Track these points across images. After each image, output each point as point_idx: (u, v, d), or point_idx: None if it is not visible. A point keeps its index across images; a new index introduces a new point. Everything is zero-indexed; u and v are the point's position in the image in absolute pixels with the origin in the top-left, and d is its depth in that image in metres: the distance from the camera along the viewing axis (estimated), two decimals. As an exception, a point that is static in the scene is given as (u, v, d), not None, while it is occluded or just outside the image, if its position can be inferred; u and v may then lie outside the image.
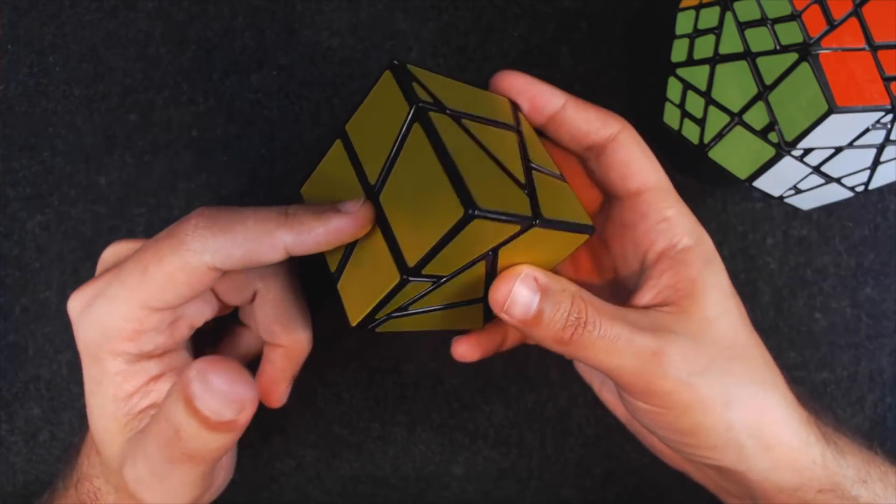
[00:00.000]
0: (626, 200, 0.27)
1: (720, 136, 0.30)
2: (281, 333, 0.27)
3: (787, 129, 0.27)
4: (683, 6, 0.31)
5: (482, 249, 0.23)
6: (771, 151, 0.28)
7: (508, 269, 0.24)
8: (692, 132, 0.31)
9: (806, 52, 0.25)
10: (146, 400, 0.25)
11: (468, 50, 0.35)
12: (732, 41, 0.28)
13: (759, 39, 0.27)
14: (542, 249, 0.24)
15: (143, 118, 0.35)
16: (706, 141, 0.30)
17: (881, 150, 0.27)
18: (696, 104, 0.30)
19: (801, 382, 0.35)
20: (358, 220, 0.22)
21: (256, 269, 0.26)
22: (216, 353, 0.29)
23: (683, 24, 0.31)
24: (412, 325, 0.26)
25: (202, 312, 0.26)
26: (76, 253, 0.34)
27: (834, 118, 0.25)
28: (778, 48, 0.26)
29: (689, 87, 0.31)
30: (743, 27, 0.28)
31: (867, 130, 0.26)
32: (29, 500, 0.31)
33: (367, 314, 0.23)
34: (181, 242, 0.22)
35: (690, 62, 0.30)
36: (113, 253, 0.26)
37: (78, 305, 0.24)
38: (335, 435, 0.35)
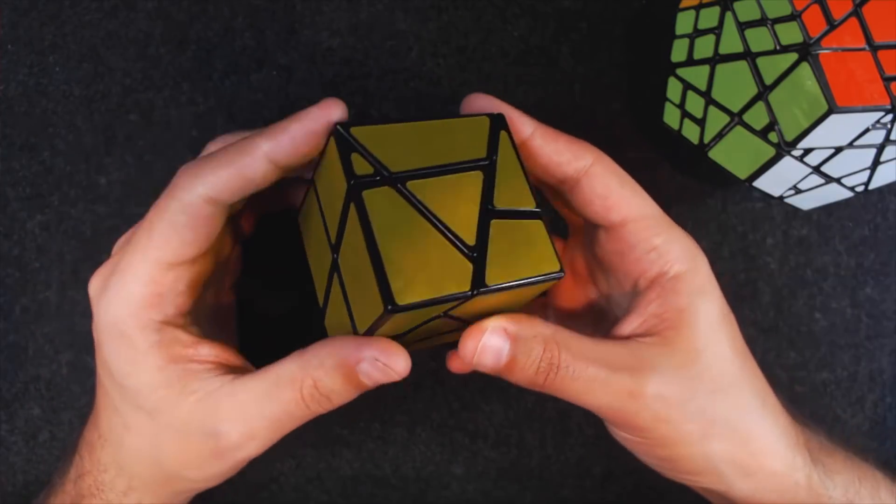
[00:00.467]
0: (611, 231, 0.26)
1: (720, 136, 0.30)
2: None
3: (787, 129, 0.27)
4: (683, 6, 0.31)
5: (427, 317, 0.23)
6: (771, 151, 0.28)
7: (475, 325, 0.24)
8: (692, 132, 0.31)
9: (806, 52, 0.25)
10: (191, 364, 0.24)
11: (468, 50, 0.35)
12: (732, 41, 0.28)
13: (759, 39, 0.27)
14: (508, 296, 0.24)
15: (143, 118, 0.35)
16: (706, 141, 0.30)
17: (881, 150, 0.27)
18: (696, 104, 0.30)
19: (801, 382, 0.35)
20: (325, 108, 0.23)
21: None
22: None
23: (683, 24, 0.31)
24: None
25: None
26: (76, 253, 0.34)
27: (834, 118, 0.25)
28: (778, 48, 0.26)
29: (689, 87, 0.31)
30: (743, 27, 0.28)
31: (867, 130, 0.26)
32: (29, 499, 0.31)
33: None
34: (173, 186, 0.23)
35: (690, 62, 0.30)
36: (125, 238, 0.27)
37: (96, 287, 0.25)
38: (335, 435, 0.35)
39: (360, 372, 0.23)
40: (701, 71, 0.30)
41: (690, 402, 0.25)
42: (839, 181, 0.29)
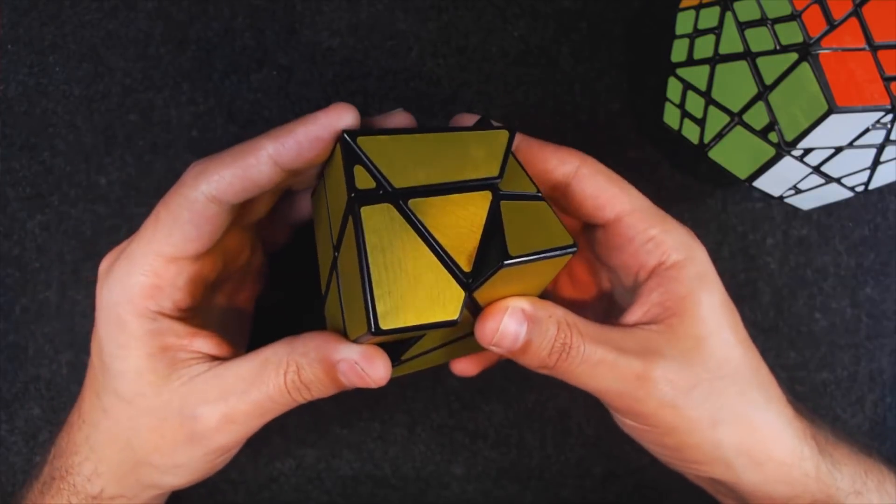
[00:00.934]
0: (607, 227, 0.27)
1: (720, 136, 0.30)
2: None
3: (787, 129, 0.27)
4: (683, 6, 0.31)
5: (418, 333, 0.23)
6: (771, 151, 0.28)
7: (494, 304, 0.24)
8: (692, 132, 0.31)
9: (806, 52, 0.25)
10: (181, 353, 0.25)
11: (468, 50, 0.35)
12: (732, 41, 0.28)
13: (759, 39, 0.27)
14: (523, 280, 0.24)
15: (143, 118, 0.35)
16: (706, 141, 0.30)
17: (881, 150, 0.27)
18: (696, 104, 0.30)
19: (801, 382, 0.35)
20: (334, 113, 0.23)
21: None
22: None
23: (683, 24, 0.31)
24: (418, 366, 0.27)
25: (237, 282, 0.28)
26: (76, 253, 0.34)
27: (834, 118, 0.25)
28: (778, 48, 0.26)
29: (689, 87, 0.31)
30: (743, 27, 0.28)
31: (867, 130, 0.26)
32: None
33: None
34: (180, 183, 0.24)
35: (690, 62, 0.30)
36: None
37: (104, 267, 0.25)
38: (335, 435, 0.35)
39: (339, 371, 0.23)
40: (701, 71, 0.30)
41: (696, 387, 0.25)
42: (839, 181, 0.29)
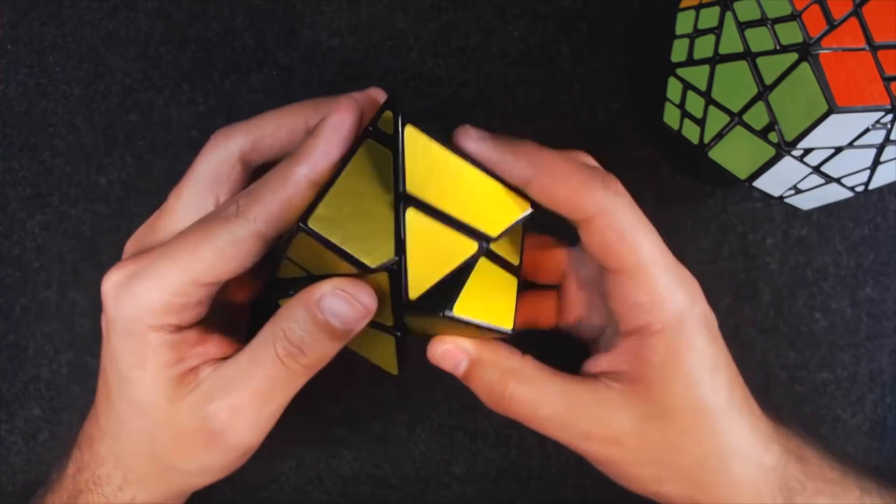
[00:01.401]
0: (603, 270, 0.26)
1: (720, 136, 0.30)
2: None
3: (787, 129, 0.27)
4: (683, 6, 0.31)
5: (332, 257, 0.23)
6: (771, 151, 0.28)
7: (449, 336, 0.26)
8: (692, 132, 0.31)
9: (806, 52, 0.25)
10: (193, 360, 0.25)
11: (468, 50, 0.35)
12: (732, 41, 0.28)
13: (759, 39, 0.27)
14: (455, 330, 0.25)
15: (143, 118, 0.35)
16: (706, 141, 0.30)
17: (881, 150, 0.27)
18: (696, 104, 0.30)
19: (801, 382, 0.35)
20: (341, 110, 0.23)
21: None
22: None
23: (683, 24, 0.31)
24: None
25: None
26: (76, 253, 0.34)
27: (834, 118, 0.25)
28: (778, 48, 0.26)
29: (689, 87, 0.31)
30: (743, 27, 0.28)
31: (867, 130, 0.26)
32: (29, 499, 0.31)
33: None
34: (225, 219, 0.24)
35: (690, 62, 0.30)
36: (137, 238, 0.28)
37: (115, 283, 0.25)
38: (335, 435, 0.35)
39: (324, 311, 0.23)
40: (701, 71, 0.30)
41: (646, 450, 0.25)
42: (839, 181, 0.29)
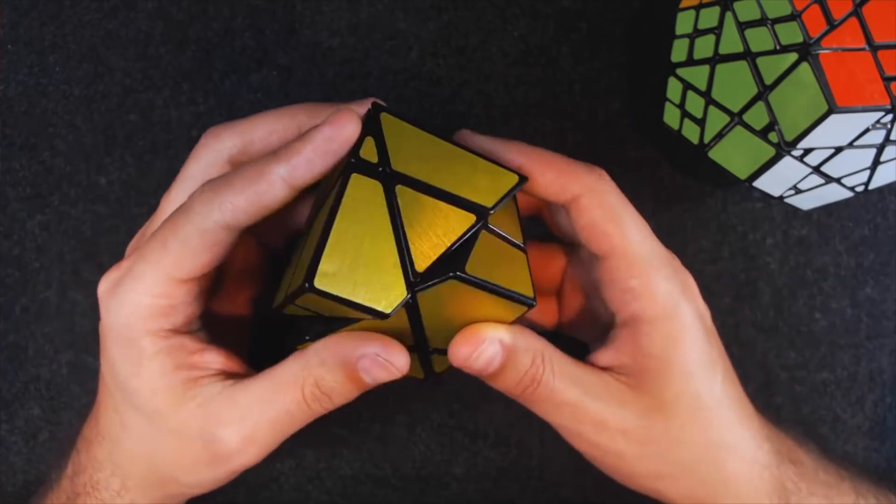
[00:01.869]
0: (593, 259, 0.26)
1: (720, 136, 0.30)
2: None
3: (787, 129, 0.27)
4: (683, 6, 0.31)
5: (348, 312, 0.23)
6: (771, 151, 0.28)
7: (472, 328, 0.24)
8: (692, 132, 0.31)
9: (806, 52, 0.25)
10: (195, 370, 0.25)
11: (468, 50, 0.35)
12: (732, 41, 0.28)
13: (759, 39, 0.27)
14: (474, 309, 0.24)
15: (143, 118, 0.35)
16: (706, 141, 0.30)
17: (881, 150, 0.27)
18: (696, 104, 0.30)
19: (801, 382, 0.35)
20: (338, 125, 0.22)
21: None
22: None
23: (683, 24, 0.31)
24: None
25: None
26: (76, 253, 0.34)
27: (834, 118, 0.25)
28: (778, 48, 0.26)
29: (689, 87, 0.31)
30: (743, 27, 0.28)
31: (867, 130, 0.26)
32: (29, 499, 0.31)
33: (276, 304, 0.24)
34: (189, 209, 0.23)
35: (690, 62, 0.30)
36: (137, 239, 0.27)
37: (106, 289, 0.25)
38: (335, 435, 0.35)
39: (360, 369, 0.23)
40: (701, 71, 0.30)
41: (650, 444, 0.25)
42: (839, 181, 0.29)
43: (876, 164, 0.28)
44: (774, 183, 0.29)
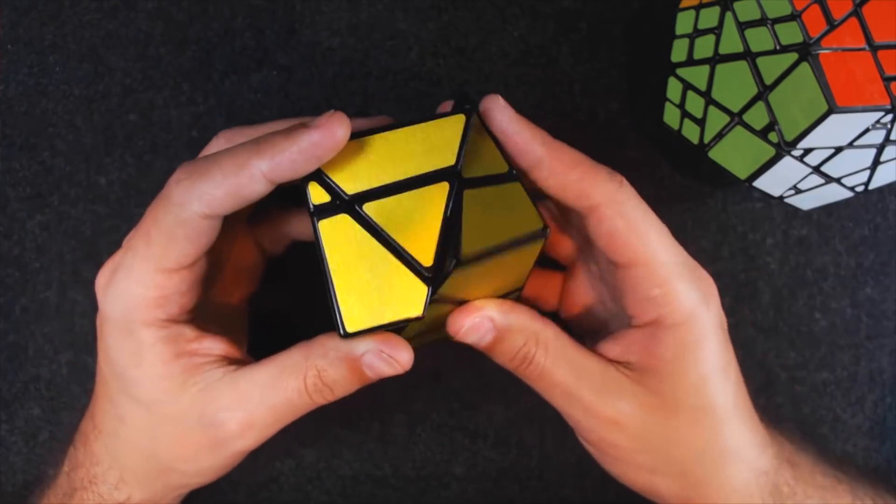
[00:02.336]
0: (611, 265, 0.26)
1: (720, 136, 0.30)
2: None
3: (787, 129, 0.27)
4: (683, 6, 0.31)
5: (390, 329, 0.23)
6: (771, 151, 0.28)
7: (471, 303, 0.25)
8: (692, 132, 0.31)
9: (806, 52, 0.25)
10: (195, 357, 0.25)
11: (468, 50, 0.35)
12: (732, 41, 0.28)
13: (759, 39, 0.27)
14: (497, 271, 0.24)
15: (143, 118, 0.35)
16: (706, 141, 0.30)
17: (881, 150, 0.27)
18: (696, 104, 0.30)
19: (801, 382, 0.35)
20: (328, 130, 0.22)
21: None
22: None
23: (683, 24, 0.31)
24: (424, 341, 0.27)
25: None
26: (76, 253, 0.34)
27: (834, 118, 0.25)
28: (778, 48, 0.26)
29: (689, 87, 0.31)
30: (743, 27, 0.28)
31: (867, 130, 0.26)
32: (28, 499, 0.31)
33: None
34: (167, 199, 0.23)
35: (690, 62, 0.30)
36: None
37: (102, 281, 0.25)
38: (335, 435, 0.35)
39: (364, 364, 0.24)
40: (701, 71, 0.30)
41: (646, 438, 0.25)
42: (839, 181, 0.29)
43: (876, 164, 0.28)
44: (774, 183, 0.29)
